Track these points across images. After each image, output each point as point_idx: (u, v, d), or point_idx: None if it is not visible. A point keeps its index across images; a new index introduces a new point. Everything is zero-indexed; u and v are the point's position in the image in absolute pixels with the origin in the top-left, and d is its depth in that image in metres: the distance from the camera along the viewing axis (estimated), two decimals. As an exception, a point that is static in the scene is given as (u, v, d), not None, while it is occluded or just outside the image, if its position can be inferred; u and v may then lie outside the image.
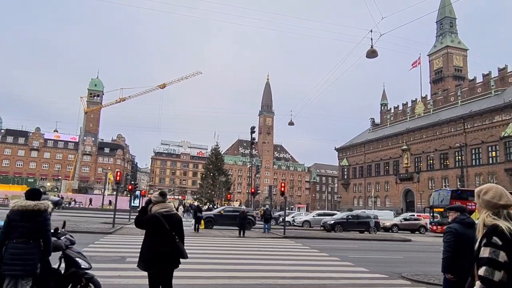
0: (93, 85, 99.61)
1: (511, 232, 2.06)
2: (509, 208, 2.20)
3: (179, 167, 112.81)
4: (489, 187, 2.32)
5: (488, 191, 2.28)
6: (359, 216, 26.87)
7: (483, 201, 2.26)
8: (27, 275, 4.13)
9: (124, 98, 78.80)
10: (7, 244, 4.10)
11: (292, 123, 33.19)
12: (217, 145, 67.22)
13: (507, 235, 2.05)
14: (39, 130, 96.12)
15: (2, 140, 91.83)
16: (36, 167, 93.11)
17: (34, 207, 4.20)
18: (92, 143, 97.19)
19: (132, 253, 10.95)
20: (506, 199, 2.20)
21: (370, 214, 29.54)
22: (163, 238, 4.19)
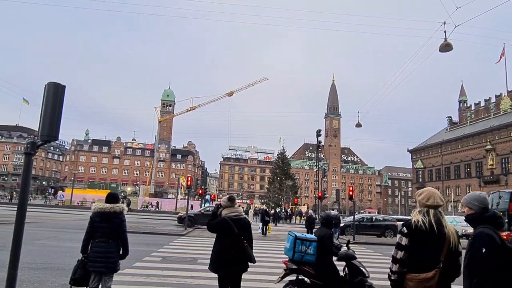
0: (165, 95, 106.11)
1: (419, 224, 2.67)
2: (436, 208, 2.75)
3: (246, 171, 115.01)
4: (424, 190, 2.86)
5: (422, 193, 2.84)
6: (373, 219, 25.29)
7: (417, 201, 2.87)
8: (108, 271, 4.47)
9: (194, 107, 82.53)
10: (92, 243, 4.47)
11: (359, 125, 32.00)
12: (283, 150, 67.37)
13: (412, 226, 2.69)
14: (119, 139, 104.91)
15: (89, 150, 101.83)
16: (118, 174, 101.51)
17: (110, 209, 4.53)
18: (166, 150, 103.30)
19: (203, 255, 11.31)
20: (432, 200, 2.76)
21: (387, 217, 27.47)
22: (231, 241, 4.23)
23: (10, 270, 4.29)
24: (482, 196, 2.69)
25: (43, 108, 4.58)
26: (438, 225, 2.66)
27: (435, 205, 2.74)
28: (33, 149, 4.55)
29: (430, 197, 2.75)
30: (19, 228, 4.46)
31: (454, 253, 2.67)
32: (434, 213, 2.72)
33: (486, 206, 2.64)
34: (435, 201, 2.74)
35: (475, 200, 2.66)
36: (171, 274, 8.16)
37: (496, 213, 2.63)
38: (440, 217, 2.72)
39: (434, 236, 2.62)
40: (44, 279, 7.03)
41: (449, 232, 2.66)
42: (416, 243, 2.66)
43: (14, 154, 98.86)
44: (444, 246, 2.62)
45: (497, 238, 2.46)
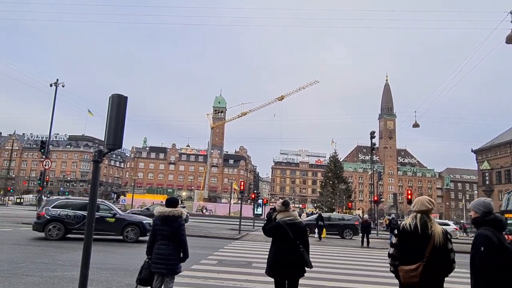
0: (217, 102, 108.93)
1: (405, 226, 3.25)
2: (422, 212, 3.25)
3: (298, 175, 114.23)
4: (416, 199, 3.41)
5: (414, 202, 3.39)
6: (331, 219, 24.80)
7: None
8: (169, 273, 4.67)
9: (246, 112, 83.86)
10: (155, 245, 4.70)
11: (417, 125, 30.45)
12: (335, 153, 66.01)
13: (400, 228, 3.29)
14: (175, 146, 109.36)
15: (147, 156, 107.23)
16: (174, 179, 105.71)
17: (169, 213, 4.73)
18: (218, 156, 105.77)
19: (258, 258, 11.38)
20: (418, 207, 3.29)
21: (348, 217, 26.89)
22: (286, 246, 4.21)
23: (82, 269, 4.63)
24: (487, 202, 3.09)
25: (107, 118, 4.90)
26: (423, 227, 3.16)
27: (422, 210, 3.25)
28: (100, 157, 4.89)
29: (417, 204, 3.30)
30: (90, 228, 4.80)
31: (441, 250, 3.13)
32: (420, 217, 3.23)
33: (490, 211, 3.01)
34: (421, 207, 3.26)
35: (480, 205, 3.06)
36: (227, 277, 8.29)
37: (497, 217, 2.96)
38: (427, 220, 3.21)
39: (418, 236, 3.14)
40: (110, 279, 7.48)
41: (435, 232, 3.13)
42: (403, 241, 3.24)
43: (81, 162, 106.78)
44: (429, 244, 3.10)
45: (495, 239, 2.81)
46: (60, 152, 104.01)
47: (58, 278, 7.29)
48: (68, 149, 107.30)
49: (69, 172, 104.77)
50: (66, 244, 12.75)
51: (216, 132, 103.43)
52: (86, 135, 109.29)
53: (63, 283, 6.91)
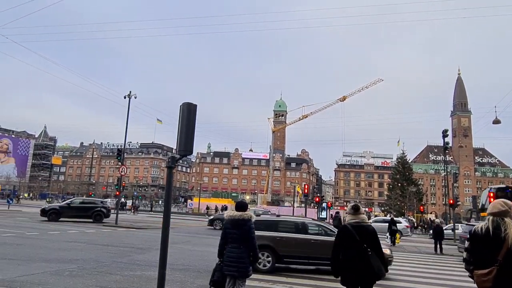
0: (277, 106, 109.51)
1: (476, 230, 3.12)
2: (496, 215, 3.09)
3: (363, 178, 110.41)
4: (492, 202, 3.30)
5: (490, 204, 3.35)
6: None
7: None
8: (241, 276, 4.75)
9: (307, 115, 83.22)
10: (226, 248, 4.82)
11: (498, 121, 27.61)
12: (403, 154, 62.65)
13: (472, 232, 3.18)
14: (237, 150, 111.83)
15: (211, 161, 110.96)
16: (237, 183, 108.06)
17: (239, 217, 4.82)
18: (280, 159, 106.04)
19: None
20: (491, 209, 3.15)
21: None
22: (353, 250, 4.07)
23: (160, 269, 4.90)
24: None
25: (179, 126, 5.15)
26: (496, 230, 3.01)
27: (494, 212, 3.12)
28: (173, 163, 5.14)
29: (491, 207, 3.18)
30: (166, 231, 5.05)
31: None
32: (493, 219, 3.10)
33: None
34: (493, 209, 3.13)
35: None
36: (296, 282, 8.23)
37: None
38: (501, 223, 3.05)
39: (489, 239, 3.01)
40: (184, 279, 7.81)
41: (509, 235, 2.95)
42: (475, 245, 3.14)
43: (152, 168, 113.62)
44: (502, 248, 2.94)
45: None
46: (133, 159, 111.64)
47: (137, 277, 7.78)
48: (139, 156, 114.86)
49: (141, 177, 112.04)
50: (142, 245, 13.61)
51: (277, 136, 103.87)
52: (156, 143, 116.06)
53: (142, 282, 7.35)
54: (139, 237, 16.87)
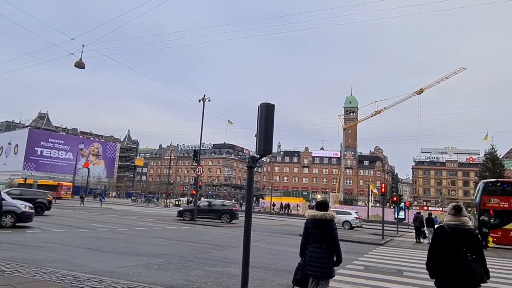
0: (348, 102, 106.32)
1: None
2: None
3: (445, 176, 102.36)
4: None
5: None
6: (211, 204, 26.60)
7: None
8: (324, 276, 4.66)
9: (380, 111, 79.60)
10: (308, 247, 4.77)
11: None
12: (493, 148, 56.82)
13: None
14: (307, 149, 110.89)
15: (281, 161, 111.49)
16: (308, 182, 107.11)
17: (321, 216, 4.73)
18: (352, 157, 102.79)
19: (409, 267, 10.56)
20: None
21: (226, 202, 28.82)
22: (451, 253, 3.76)
23: (243, 267, 5.02)
24: None
25: (258, 126, 5.23)
26: None
27: None
28: (253, 163, 5.25)
29: None
30: (248, 229, 5.18)
31: None
32: None
33: None
34: None
35: None
36: (377, 285, 7.89)
37: None
38: None
39: None
40: (263, 277, 7.92)
41: None
42: None
43: (224, 168, 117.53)
44: None
45: None
46: (206, 159, 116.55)
47: (218, 273, 8.08)
48: (212, 156, 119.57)
49: (214, 177, 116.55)
50: (220, 242, 14.12)
51: (348, 133, 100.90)
52: (227, 143, 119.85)
53: (223, 278, 7.62)
54: (216, 234, 17.54)
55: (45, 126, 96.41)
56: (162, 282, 6.69)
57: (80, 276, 6.36)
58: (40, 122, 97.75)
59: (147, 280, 6.71)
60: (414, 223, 19.98)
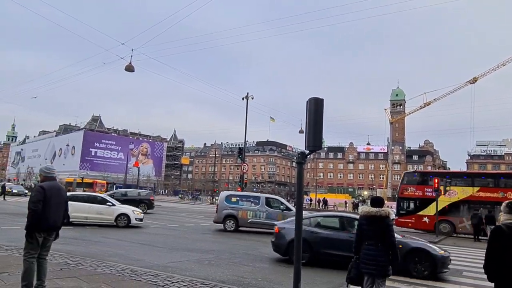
0: (394, 95, 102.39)
1: None
2: None
3: (504, 170, 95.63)
4: None
5: None
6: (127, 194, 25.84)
7: None
8: (380, 275, 4.50)
9: (429, 102, 75.68)
10: (362, 245, 4.64)
11: None
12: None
13: None
14: (352, 144, 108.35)
15: (325, 157, 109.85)
16: (354, 178, 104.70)
17: (376, 213, 4.57)
18: (400, 152, 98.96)
19: (468, 267, 10.06)
20: None
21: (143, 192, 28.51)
22: (510, 254, 3.48)
23: (295, 264, 4.98)
24: None
25: (307, 121, 5.14)
26: None
27: None
28: (303, 159, 5.16)
29: None
30: (299, 226, 5.12)
31: None
32: None
33: None
34: None
35: None
36: (436, 285, 7.53)
37: None
38: None
39: None
40: (313, 275, 7.84)
41: None
42: None
43: (268, 165, 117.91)
44: None
45: None
46: (250, 157, 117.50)
47: (268, 270, 8.11)
48: (256, 154, 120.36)
49: (258, 174, 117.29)
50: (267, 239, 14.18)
51: (395, 127, 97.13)
52: (271, 140, 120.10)
53: (273, 275, 7.63)
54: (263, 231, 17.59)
55: (98, 128, 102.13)
56: (214, 277, 6.83)
57: (137, 270, 6.65)
58: (94, 124, 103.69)
59: (199, 275, 6.87)
60: (472, 221, 18.84)
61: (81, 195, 16.32)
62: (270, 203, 16.18)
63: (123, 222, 14.81)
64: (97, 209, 14.77)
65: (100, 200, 15.28)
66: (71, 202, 14.51)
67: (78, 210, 14.47)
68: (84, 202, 14.91)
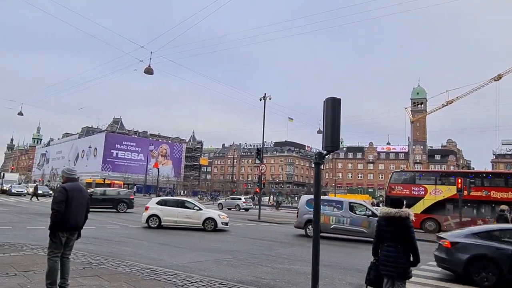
0: (415, 94, 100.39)
1: None
2: None
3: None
4: None
5: None
6: (106, 193, 25.05)
7: None
8: (400, 277, 4.42)
9: (451, 101, 73.91)
10: (381, 246, 4.56)
11: None
12: None
13: None
14: (372, 144, 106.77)
15: (344, 157, 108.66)
16: (374, 178, 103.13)
17: (395, 214, 4.49)
18: (422, 151, 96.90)
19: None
20: None
21: (122, 191, 27.58)
22: None
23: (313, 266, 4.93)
24: None
25: (324, 121, 5.10)
26: None
27: None
28: (320, 159, 5.13)
29: None
30: (317, 227, 5.09)
31: None
32: None
33: None
34: None
35: None
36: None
37: None
38: None
39: None
40: (331, 276, 7.76)
41: None
42: None
43: (286, 166, 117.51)
44: None
45: None
46: (268, 158, 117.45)
47: (286, 270, 8.07)
48: (274, 154, 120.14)
49: (277, 175, 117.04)
50: (285, 239, 14.12)
51: (416, 126, 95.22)
52: (289, 141, 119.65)
53: (291, 275, 7.59)
54: (281, 232, 17.55)
55: (119, 130, 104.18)
56: (232, 278, 6.85)
57: (157, 270, 6.75)
58: (115, 126, 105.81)
59: (218, 275, 6.91)
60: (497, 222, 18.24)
61: (170, 200, 17.07)
62: (354, 208, 15.31)
63: (210, 226, 15.31)
64: (186, 214, 15.45)
65: (188, 205, 15.98)
66: (162, 206, 15.57)
67: (169, 214, 15.35)
68: (174, 206, 15.68)
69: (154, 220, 15.33)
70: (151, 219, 15.33)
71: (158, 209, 15.50)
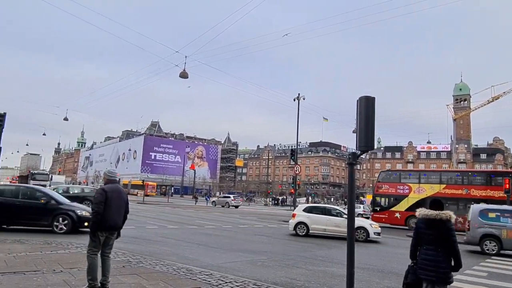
0: (458, 90, 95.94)
1: None
2: None
3: None
4: None
5: None
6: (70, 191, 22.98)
7: None
8: (440, 282, 4.22)
9: (498, 96, 69.76)
10: (420, 249, 4.38)
11: None
12: None
13: None
14: (411, 143, 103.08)
15: (382, 157, 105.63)
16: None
17: (436, 216, 4.29)
18: (466, 150, 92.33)
19: None
20: None
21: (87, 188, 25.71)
22: None
23: (348, 268, 4.84)
24: None
25: (357, 121, 4.98)
26: None
27: None
28: (354, 160, 5.02)
29: None
30: (351, 228, 4.99)
31: None
32: None
33: None
34: None
35: None
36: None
37: None
38: None
39: None
40: (368, 279, 7.56)
41: None
42: None
43: (321, 166, 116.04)
44: None
45: None
46: (303, 158, 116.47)
47: (321, 272, 7.96)
48: (309, 155, 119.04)
49: (312, 175, 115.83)
50: (320, 241, 13.93)
51: (459, 124, 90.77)
52: (324, 141, 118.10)
53: (327, 278, 7.47)
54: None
55: (157, 133, 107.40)
56: (266, 279, 6.85)
57: (192, 269, 6.88)
58: (153, 129, 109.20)
59: (252, 276, 6.93)
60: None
61: (316, 207, 16.60)
62: None
63: (362, 236, 14.40)
64: (335, 222, 14.62)
65: (336, 213, 15.23)
66: (309, 214, 14.97)
67: (317, 222, 14.85)
68: (321, 214, 15.16)
69: (302, 228, 14.90)
70: (298, 226, 14.94)
71: (306, 217, 15.01)
